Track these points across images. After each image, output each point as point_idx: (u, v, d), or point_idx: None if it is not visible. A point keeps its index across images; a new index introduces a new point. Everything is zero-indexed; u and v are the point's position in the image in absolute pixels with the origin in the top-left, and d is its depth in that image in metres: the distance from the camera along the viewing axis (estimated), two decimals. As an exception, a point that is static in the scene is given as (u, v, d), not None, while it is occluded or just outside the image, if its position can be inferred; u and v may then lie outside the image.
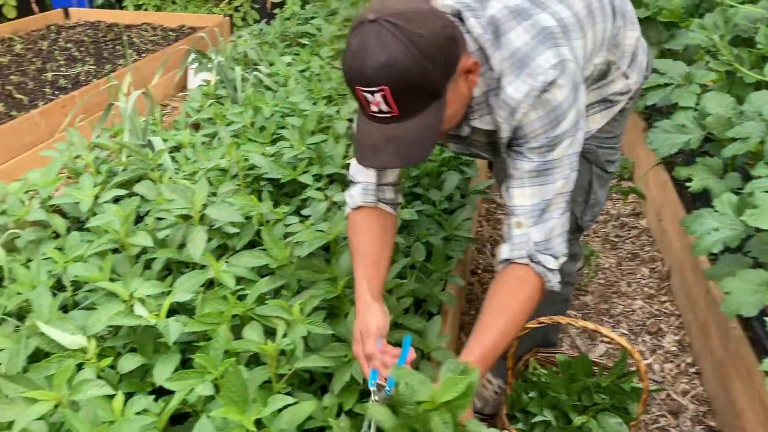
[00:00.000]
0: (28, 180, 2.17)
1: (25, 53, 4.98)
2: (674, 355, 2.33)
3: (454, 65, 1.28)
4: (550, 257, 1.43)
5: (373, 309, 1.44)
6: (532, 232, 1.41)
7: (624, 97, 1.72)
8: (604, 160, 1.75)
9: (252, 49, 3.75)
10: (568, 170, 1.41)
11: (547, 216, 1.41)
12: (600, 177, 1.78)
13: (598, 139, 1.72)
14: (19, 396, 1.23)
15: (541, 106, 1.34)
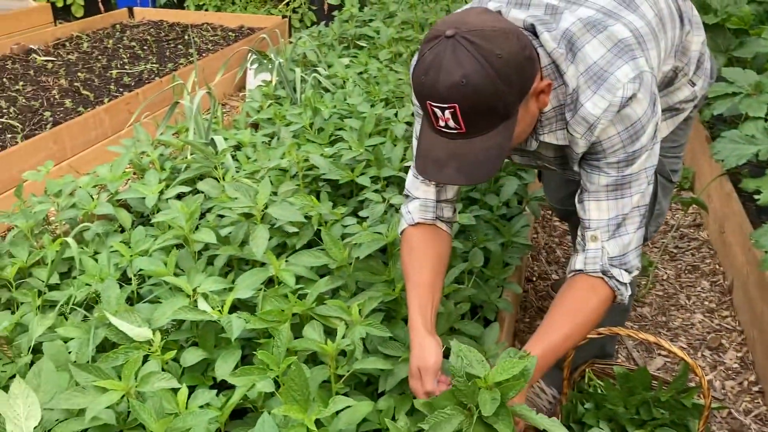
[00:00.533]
0: (97, 174, 2.24)
1: (92, 51, 5.13)
2: (736, 373, 2.26)
3: (528, 87, 1.27)
4: (624, 271, 1.42)
5: (429, 344, 1.40)
6: (607, 247, 1.40)
7: (690, 104, 1.69)
8: (669, 170, 1.73)
9: (311, 50, 3.79)
10: (645, 184, 1.39)
11: (623, 230, 1.40)
12: (665, 187, 1.75)
13: (663, 149, 1.66)
14: (90, 384, 1.28)
15: (620, 122, 1.32)
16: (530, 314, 2.57)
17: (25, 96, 4.14)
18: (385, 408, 1.45)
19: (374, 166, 2.32)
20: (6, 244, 1.98)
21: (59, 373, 1.36)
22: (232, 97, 4.93)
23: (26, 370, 1.42)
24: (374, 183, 2.28)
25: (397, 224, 1.67)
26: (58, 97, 4.13)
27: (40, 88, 4.28)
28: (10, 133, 3.57)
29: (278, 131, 2.81)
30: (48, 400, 1.28)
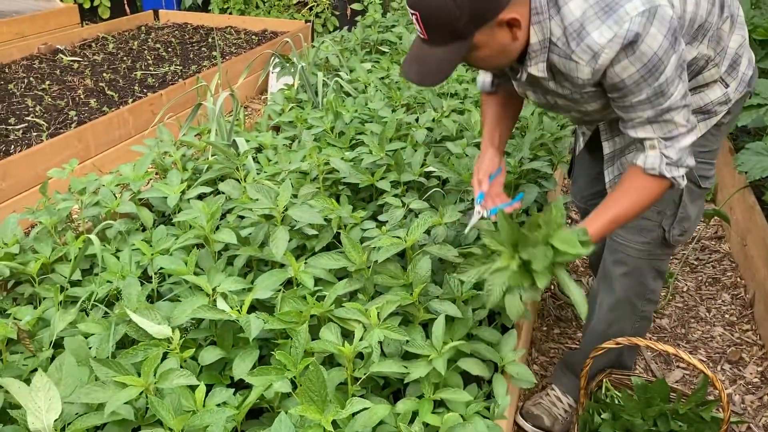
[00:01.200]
0: (120, 173, 2.27)
1: (117, 52, 5.20)
2: (756, 387, 2.23)
3: (486, 17, 1.37)
4: (682, 168, 1.53)
5: (489, 153, 1.82)
6: (668, 153, 1.51)
7: (723, 108, 1.68)
8: (697, 175, 1.73)
9: (334, 55, 3.81)
10: (681, 102, 1.46)
11: (677, 138, 1.50)
12: (692, 191, 1.74)
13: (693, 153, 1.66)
14: (110, 380, 1.29)
15: (637, 60, 1.37)
16: (548, 322, 2.56)
17: (51, 95, 4.20)
18: (403, 412, 1.45)
19: (394, 170, 2.32)
20: (30, 239, 2.01)
21: (80, 367, 1.38)
22: (255, 100, 4.96)
23: (47, 364, 1.44)
24: (394, 187, 2.28)
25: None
26: (83, 96, 4.19)
27: (66, 88, 4.34)
28: (36, 132, 3.62)
29: (299, 134, 2.82)
30: (68, 394, 1.29)
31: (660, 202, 1.69)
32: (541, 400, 2.06)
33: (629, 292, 1.86)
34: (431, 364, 1.49)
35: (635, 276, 1.83)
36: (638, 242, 1.79)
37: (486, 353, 1.64)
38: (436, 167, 2.32)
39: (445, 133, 2.76)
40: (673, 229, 1.77)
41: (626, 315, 1.89)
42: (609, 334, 1.89)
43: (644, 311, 1.90)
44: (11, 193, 3.13)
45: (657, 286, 1.88)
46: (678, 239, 1.79)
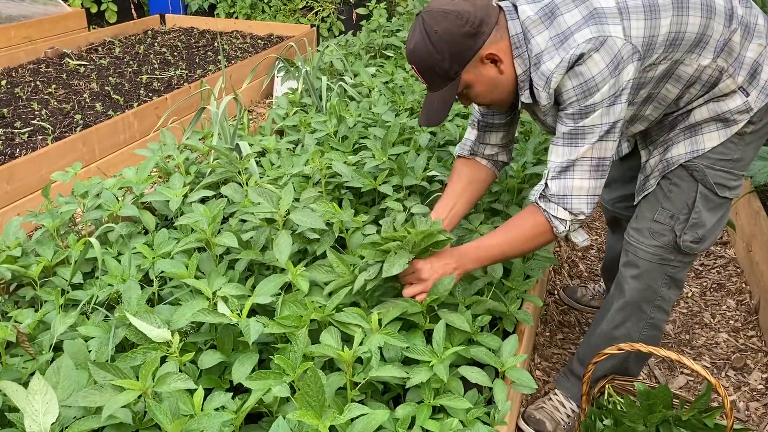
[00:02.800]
0: (123, 177, 2.27)
1: (123, 56, 5.22)
2: (761, 394, 2.21)
3: (464, 56, 1.58)
4: (561, 209, 1.65)
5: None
6: (550, 184, 1.66)
7: (743, 117, 1.68)
8: (713, 182, 1.72)
9: (338, 59, 3.82)
10: (596, 138, 1.58)
11: (569, 174, 1.63)
12: (707, 198, 1.74)
13: (709, 159, 1.71)
14: (108, 383, 1.29)
15: (575, 77, 1.54)
16: (551, 328, 2.55)
17: (57, 99, 4.22)
18: (402, 417, 1.44)
19: (397, 174, 2.32)
20: (32, 242, 2.01)
21: (78, 371, 1.37)
22: (259, 104, 4.97)
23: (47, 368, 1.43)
24: (396, 192, 2.28)
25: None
26: (89, 100, 4.21)
27: (72, 92, 4.37)
28: (42, 135, 3.64)
29: (303, 138, 2.82)
30: (66, 398, 1.29)
31: (673, 206, 1.75)
32: (544, 405, 2.06)
33: (638, 296, 1.86)
34: (432, 369, 1.48)
35: (645, 280, 1.84)
36: (650, 245, 1.80)
37: (487, 358, 1.63)
38: (438, 171, 2.32)
39: (448, 137, 2.75)
40: (684, 235, 1.76)
41: (634, 319, 1.89)
42: (614, 336, 1.91)
43: (653, 318, 1.89)
44: (16, 196, 3.14)
45: (669, 294, 1.86)
46: (691, 246, 1.77)
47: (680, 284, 1.87)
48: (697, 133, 1.72)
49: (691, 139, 1.73)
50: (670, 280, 1.84)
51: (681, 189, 1.75)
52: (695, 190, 1.73)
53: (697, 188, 1.73)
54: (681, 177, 1.75)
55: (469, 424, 1.47)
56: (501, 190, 2.35)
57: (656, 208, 1.79)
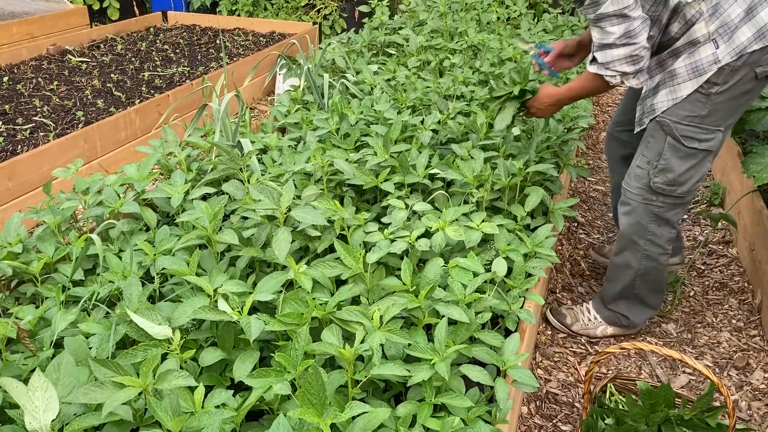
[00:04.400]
0: (125, 173, 2.27)
1: (125, 53, 5.22)
2: (763, 394, 2.21)
3: None
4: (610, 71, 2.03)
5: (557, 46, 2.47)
6: (596, 54, 2.04)
7: (712, 67, 1.94)
8: (680, 135, 2.05)
9: (340, 56, 3.81)
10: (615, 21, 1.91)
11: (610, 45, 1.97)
12: (675, 148, 2.08)
13: (677, 116, 2.05)
14: (109, 380, 1.28)
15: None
16: (552, 326, 2.54)
17: (59, 95, 4.22)
18: (403, 415, 1.43)
19: (399, 172, 2.31)
20: (33, 239, 2.01)
21: (79, 367, 1.37)
22: (261, 101, 4.97)
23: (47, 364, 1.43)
24: (398, 189, 2.27)
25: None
26: (91, 97, 4.20)
27: (73, 88, 4.36)
28: (43, 132, 3.63)
29: (305, 135, 2.82)
30: (66, 394, 1.29)
31: (650, 153, 2.13)
32: (574, 307, 2.56)
33: (629, 230, 2.25)
34: (434, 367, 1.47)
35: (634, 216, 2.22)
36: (635, 187, 2.20)
37: (488, 357, 1.62)
38: (440, 169, 2.31)
39: (451, 135, 2.75)
40: (655, 177, 2.12)
41: (630, 249, 2.28)
42: (616, 262, 2.35)
43: (647, 251, 2.24)
44: (18, 192, 3.14)
45: (660, 231, 2.21)
46: (663, 188, 2.13)
47: (670, 223, 2.21)
48: (675, 80, 2.04)
49: (670, 87, 2.05)
50: (657, 218, 2.19)
51: (655, 139, 2.12)
52: (664, 141, 2.09)
53: (666, 139, 2.08)
54: (655, 130, 2.11)
55: (471, 422, 1.47)
56: (504, 188, 2.34)
57: (638, 156, 2.19)
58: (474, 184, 2.25)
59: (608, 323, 2.46)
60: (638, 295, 2.36)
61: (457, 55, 3.91)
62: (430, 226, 1.95)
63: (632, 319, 2.42)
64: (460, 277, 1.77)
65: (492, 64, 3.70)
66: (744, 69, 1.92)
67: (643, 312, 2.42)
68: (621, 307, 2.41)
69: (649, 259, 2.26)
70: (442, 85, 3.29)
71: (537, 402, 2.19)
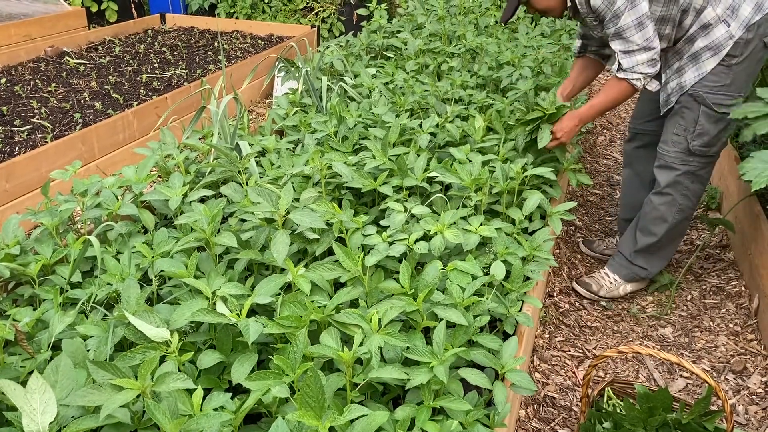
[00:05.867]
0: (123, 175, 2.27)
1: (123, 55, 5.21)
2: (760, 398, 2.21)
3: None
4: (635, 75, 2.35)
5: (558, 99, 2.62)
6: (621, 61, 2.34)
7: (728, 42, 2.27)
8: (711, 103, 2.35)
9: (338, 59, 3.81)
10: (633, 30, 2.25)
11: (631, 54, 2.31)
12: (709, 115, 2.37)
13: (707, 87, 2.35)
14: (107, 382, 1.28)
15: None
16: (549, 329, 2.54)
17: (56, 97, 4.21)
18: (402, 418, 1.43)
19: (397, 175, 2.32)
20: (31, 241, 2.01)
21: (77, 370, 1.37)
22: (259, 104, 4.97)
23: (45, 366, 1.43)
24: (396, 192, 2.28)
25: None
26: (89, 99, 4.20)
27: (71, 90, 4.36)
28: (41, 134, 3.63)
29: (303, 138, 2.82)
30: (64, 397, 1.29)
31: (686, 122, 2.41)
32: (594, 274, 2.83)
33: (668, 187, 2.52)
34: (432, 371, 1.47)
35: (672, 175, 2.50)
36: (673, 151, 2.48)
37: (487, 360, 1.62)
38: (439, 172, 2.31)
39: (449, 138, 2.75)
40: (693, 141, 2.41)
41: (666, 203, 2.55)
42: (652, 215, 2.60)
43: (682, 205, 2.53)
44: (16, 194, 3.13)
45: (694, 187, 2.51)
46: (701, 149, 2.42)
47: (703, 180, 2.52)
48: (699, 60, 2.34)
49: (695, 66, 2.35)
50: (692, 176, 2.48)
51: (690, 110, 2.39)
52: (698, 110, 2.38)
53: (700, 108, 2.37)
54: (688, 102, 2.39)
55: (469, 426, 1.47)
56: (501, 191, 2.34)
57: (675, 125, 2.46)
58: (472, 187, 2.26)
59: (627, 281, 2.76)
60: (660, 247, 2.66)
61: (455, 58, 3.91)
62: (429, 230, 1.95)
63: (650, 269, 2.71)
64: (458, 280, 1.77)
65: (490, 67, 3.70)
66: (755, 41, 2.26)
67: (659, 262, 2.72)
68: (640, 260, 2.69)
69: (682, 212, 2.55)
70: (441, 89, 3.29)
71: (535, 405, 2.19)
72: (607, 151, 4.32)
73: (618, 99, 2.44)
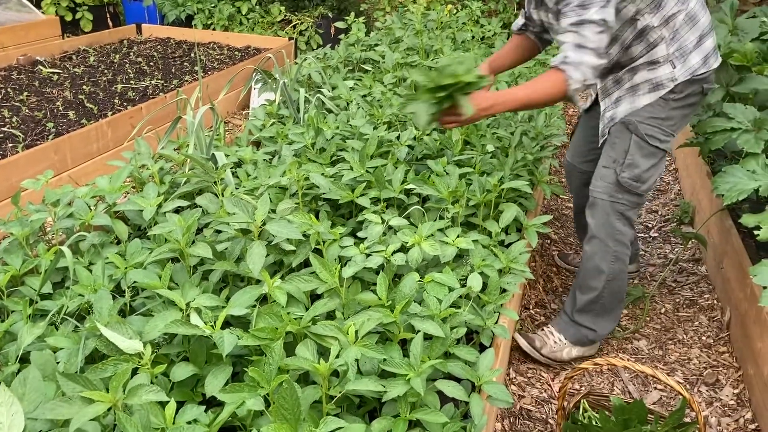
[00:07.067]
0: (96, 185, 2.23)
1: (98, 65, 5.16)
2: (732, 410, 2.23)
3: None
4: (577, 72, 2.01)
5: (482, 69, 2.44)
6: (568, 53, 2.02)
7: (669, 84, 2.17)
8: (644, 134, 2.21)
9: (316, 72, 3.81)
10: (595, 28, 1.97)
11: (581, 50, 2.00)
12: (640, 146, 2.23)
13: (641, 116, 2.21)
14: (77, 395, 1.25)
15: None
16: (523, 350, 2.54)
17: (28, 106, 4.15)
18: (378, 431, 1.42)
19: (375, 187, 2.31)
20: (0, 251, 1.96)
21: (46, 382, 1.34)
22: (236, 115, 4.95)
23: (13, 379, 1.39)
24: (374, 204, 2.27)
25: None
26: (62, 108, 4.14)
27: (44, 99, 4.30)
28: (12, 143, 3.57)
29: (280, 149, 2.80)
30: (32, 410, 1.25)
31: (615, 153, 2.25)
32: (538, 331, 2.53)
33: (599, 231, 2.31)
34: (409, 383, 1.47)
35: (602, 216, 2.30)
36: (602, 185, 2.29)
37: (463, 372, 1.62)
38: (416, 185, 2.32)
39: (427, 151, 2.76)
40: (623, 173, 2.24)
41: (600, 253, 2.33)
42: (587, 267, 2.38)
43: (616, 252, 2.32)
44: (-16, 204, 3.07)
45: (625, 229, 2.31)
46: (630, 183, 2.25)
47: (631, 222, 2.34)
48: (636, 93, 2.22)
49: (631, 98, 2.23)
50: (620, 215, 2.29)
51: (620, 139, 2.25)
52: (630, 139, 2.23)
53: (631, 137, 2.23)
54: (620, 131, 2.26)
55: (446, 438, 1.46)
56: (478, 204, 2.35)
57: (605, 156, 2.30)
58: (449, 199, 2.26)
59: (573, 343, 2.43)
60: (604, 304, 2.39)
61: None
62: (406, 241, 1.95)
63: (598, 331, 2.41)
64: (435, 292, 1.77)
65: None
66: (695, 84, 2.18)
67: (607, 323, 2.43)
68: (586, 319, 2.41)
69: (618, 260, 2.33)
70: (418, 102, 3.30)
71: (511, 418, 2.19)
72: (582, 166, 4.36)
73: (546, 94, 2.08)
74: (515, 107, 2.11)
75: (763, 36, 3.18)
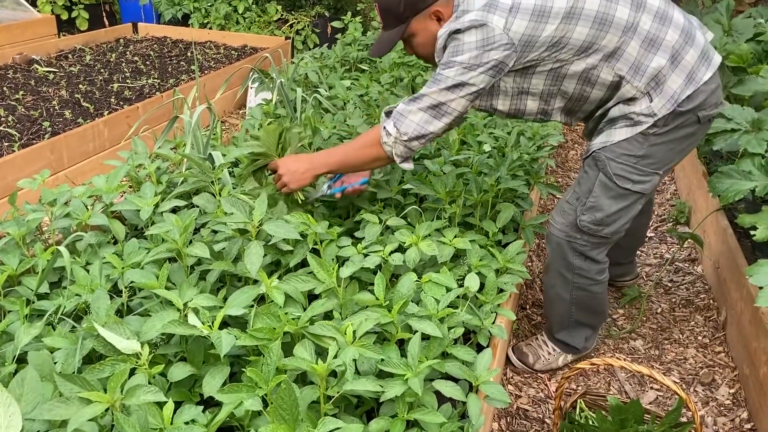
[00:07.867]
0: (93, 185, 2.23)
1: (94, 64, 5.15)
2: (728, 409, 2.24)
3: (417, 6, 1.92)
4: (393, 125, 1.96)
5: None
6: (399, 106, 1.97)
7: (648, 119, 1.89)
8: (612, 173, 1.96)
9: (313, 71, 3.81)
10: (447, 85, 1.87)
11: (414, 103, 1.93)
12: (607, 186, 1.98)
13: (614, 153, 1.95)
14: (75, 396, 1.25)
15: (453, 42, 1.86)
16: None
17: (24, 105, 4.14)
18: (376, 431, 1.42)
19: (372, 187, 2.32)
20: (-4, 251, 1.96)
21: (44, 383, 1.33)
22: (232, 114, 4.94)
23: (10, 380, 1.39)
24: (371, 204, 2.27)
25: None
26: (58, 107, 4.13)
27: (40, 98, 4.29)
28: (8, 142, 3.56)
29: (277, 149, 2.80)
30: (30, 410, 1.25)
31: (581, 189, 2.03)
32: (531, 342, 2.42)
33: (556, 264, 2.17)
34: (407, 383, 1.47)
35: (558, 251, 2.13)
36: (559, 222, 2.10)
37: (461, 372, 1.62)
38: (413, 185, 2.32)
39: (423, 150, 2.76)
40: (583, 215, 2.03)
41: (558, 282, 2.20)
42: (550, 295, 2.27)
43: (576, 283, 2.15)
44: (-20, 203, 3.07)
45: (584, 264, 2.12)
46: (590, 227, 2.03)
47: (596, 260, 2.12)
48: (613, 126, 1.95)
49: (607, 131, 1.97)
50: (581, 255, 2.10)
51: (588, 175, 2.02)
52: (596, 177, 1.99)
53: (597, 176, 1.99)
54: (589, 165, 2.02)
55: (443, 438, 1.46)
56: (475, 204, 2.35)
57: (570, 190, 2.10)
58: (446, 199, 2.27)
59: (566, 352, 2.38)
60: (578, 320, 2.28)
61: (429, 71, 3.94)
62: (404, 241, 1.95)
63: (575, 346, 2.35)
64: (433, 292, 1.77)
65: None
66: (687, 114, 1.89)
67: (590, 332, 2.36)
68: (565, 335, 2.33)
69: (580, 289, 2.18)
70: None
71: (508, 418, 2.19)
72: (578, 166, 4.37)
73: (364, 153, 2.02)
74: (336, 165, 2.08)
75: (758, 37, 3.20)
